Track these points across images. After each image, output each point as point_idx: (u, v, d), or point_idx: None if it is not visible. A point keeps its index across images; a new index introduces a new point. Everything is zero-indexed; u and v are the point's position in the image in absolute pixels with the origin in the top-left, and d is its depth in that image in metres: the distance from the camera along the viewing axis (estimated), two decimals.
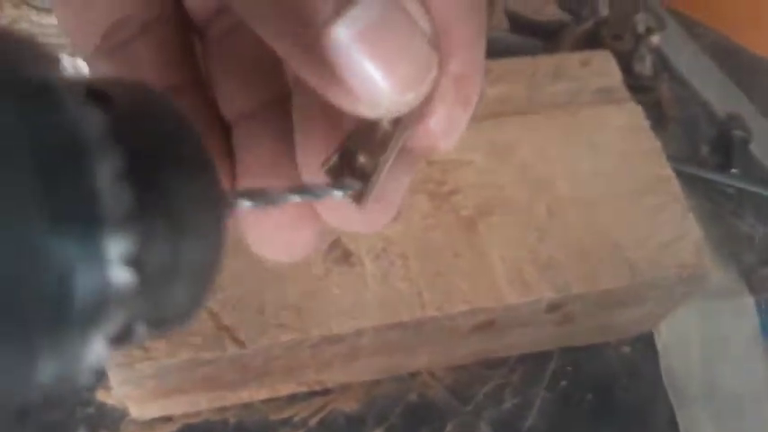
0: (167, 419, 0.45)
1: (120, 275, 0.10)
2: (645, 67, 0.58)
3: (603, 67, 0.51)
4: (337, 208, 0.20)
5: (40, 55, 0.10)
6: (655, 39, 0.59)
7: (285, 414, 0.46)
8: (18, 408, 0.10)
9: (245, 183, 0.21)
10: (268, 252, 0.22)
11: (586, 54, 0.52)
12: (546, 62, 0.51)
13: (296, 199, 0.18)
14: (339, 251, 0.43)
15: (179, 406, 0.44)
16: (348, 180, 0.19)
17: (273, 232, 0.21)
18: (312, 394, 0.47)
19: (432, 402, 0.48)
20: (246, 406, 0.46)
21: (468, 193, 0.45)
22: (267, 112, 0.22)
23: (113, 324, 0.10)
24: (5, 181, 0.09)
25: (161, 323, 0.12)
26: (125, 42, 0.22)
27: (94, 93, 0.11)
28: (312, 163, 0.20)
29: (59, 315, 0.09)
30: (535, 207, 0.45)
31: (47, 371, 0.10)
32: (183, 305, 0.13)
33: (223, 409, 0.46)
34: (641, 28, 0.60)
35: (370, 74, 0.17)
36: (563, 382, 0.49)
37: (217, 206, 0.13)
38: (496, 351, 0.49)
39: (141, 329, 0.12)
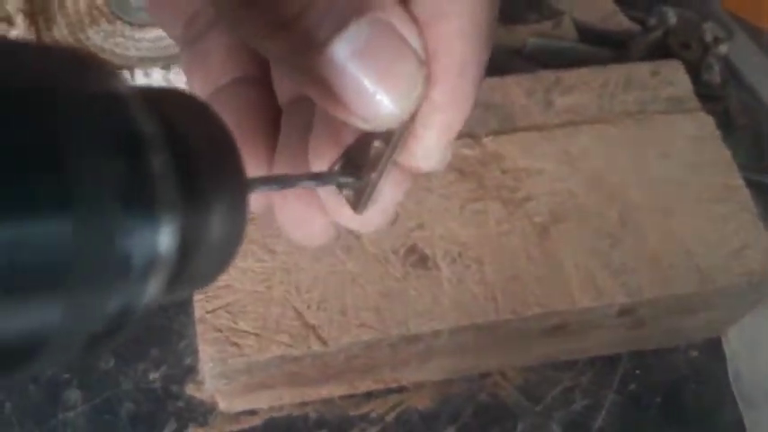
0: (252, 413, 0.47)
1: (166, 242, 0.13)
2: (713, 75, 0.59)
3: (673, 77, 0.52)
4: (337, 207, 0.23)
5: (107, 71, 0.14)
6: (722, 48, 0.60)
7: (363, 410, 0.48)
8: (90, 334, 0.13)
9: (278, 164, 0.24)
10: (293, 235, 0.24)
11: (656, 63, 0.52)
12: (616, 72, 0.52)
13: (306, 185, 0.21)
14: (416, 255, 0.45)
15: (264, 400, 0.47)
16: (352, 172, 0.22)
17: (295, 220, 0.24)
18: (388, 391, 0.49)
19: (503, 402, 0.49)
20: (326, 401, 0.48)
21: (542, 200, 0.47)
22: (304, 104, 0.24)
23: (159, 277, 0.14)
24: (89, 169, 0.12)
25: (192, 281, 0.16)
26: (198, 35, 0.24)
27: (150, 99, 0.14)
28: (318, 165, 0.22)
29: (125, 268, 0.13)
30: (607, 214, 0.46)
31: (113, 307, 0.13)
32: (210, 268, 0.17)
33: (304, 404, 0.48)
34: (709, 37, 0.60)
35: (364, 87, 0.19)
36: (632, 385, 0.50)
37: (240, 192, 0.17)
38: (567, 354, 0.50)
39: (178, 285, 0.15)
